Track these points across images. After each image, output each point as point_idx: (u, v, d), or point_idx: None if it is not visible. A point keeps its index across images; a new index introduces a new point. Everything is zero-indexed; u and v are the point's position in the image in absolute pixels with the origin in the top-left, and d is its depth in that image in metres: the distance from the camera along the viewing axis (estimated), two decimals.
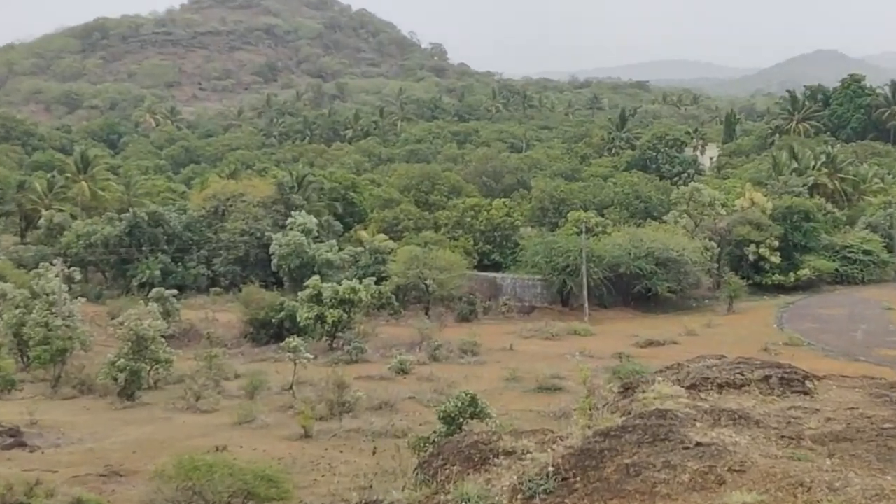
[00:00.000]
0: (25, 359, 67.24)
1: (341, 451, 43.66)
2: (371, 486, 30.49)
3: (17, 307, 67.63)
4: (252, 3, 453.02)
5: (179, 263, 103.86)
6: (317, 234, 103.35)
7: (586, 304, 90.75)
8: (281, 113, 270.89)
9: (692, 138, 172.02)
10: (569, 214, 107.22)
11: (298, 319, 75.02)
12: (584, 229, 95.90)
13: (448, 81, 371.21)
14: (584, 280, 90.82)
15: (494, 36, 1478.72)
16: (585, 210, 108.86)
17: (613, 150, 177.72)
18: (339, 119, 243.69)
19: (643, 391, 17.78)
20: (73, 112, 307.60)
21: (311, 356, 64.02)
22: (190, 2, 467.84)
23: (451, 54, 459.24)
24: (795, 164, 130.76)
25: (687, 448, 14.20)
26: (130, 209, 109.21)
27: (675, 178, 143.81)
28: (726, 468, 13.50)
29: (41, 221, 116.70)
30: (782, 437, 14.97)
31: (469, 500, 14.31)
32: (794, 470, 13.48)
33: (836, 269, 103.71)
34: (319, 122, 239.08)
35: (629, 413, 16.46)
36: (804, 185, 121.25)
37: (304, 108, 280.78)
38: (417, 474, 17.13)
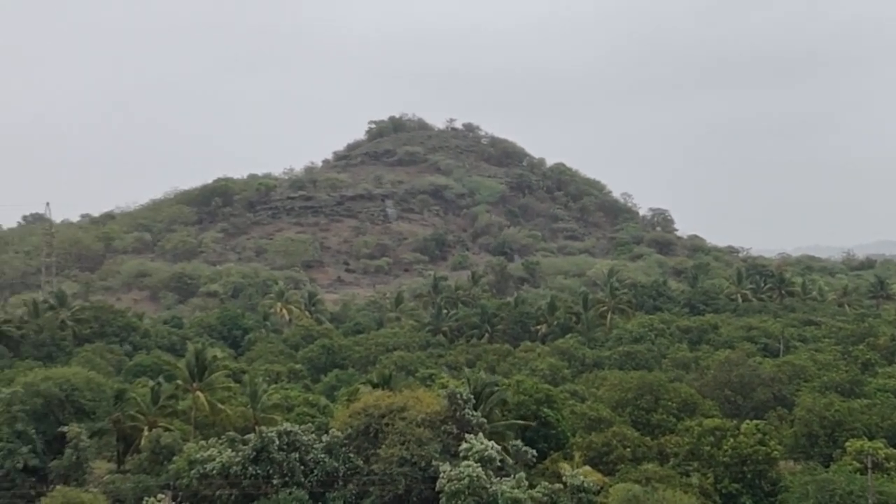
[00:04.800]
0: None
1: None
2: None
3: None
4: (416, 158, 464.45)
5: (320, 502, 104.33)
6: (500, 464, 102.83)
7: None
8: (452, 302, 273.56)
9: None
10: (847, 444, 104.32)
11: None
12: (869, 465, 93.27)
13: (675, 260, 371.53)
14: None
15: (736, 200, 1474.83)
16: (871, 438, 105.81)
17: None
18: (529, 310, 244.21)
19: None
20: (185, 301, 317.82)
21: None
22: (335, 158, 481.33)
23: (680, 224, 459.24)
24: None
25: None
26: (257, 428, 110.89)
27: None
28: None
29: (143, 443, 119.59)
30: None
31: None
32: None
33: None
34: (503, 315, 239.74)
35: None
36: None
37: (482, 296, 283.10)
38: None
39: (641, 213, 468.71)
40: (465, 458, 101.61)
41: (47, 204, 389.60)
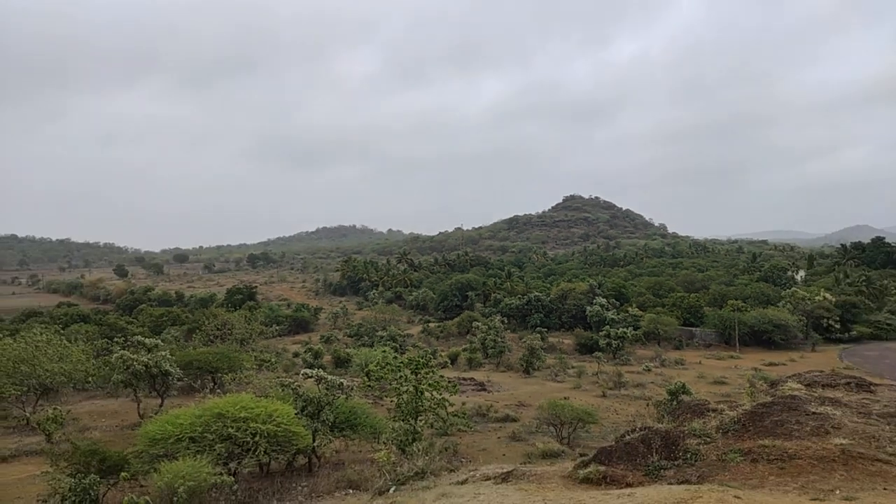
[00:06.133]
0: (486, 354, 71.09)
1: (620, 405, 43.19)
2: (635, 421, 30.37)
3: (482, 333, 72.17)
4: (579, 208, 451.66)
5: (546, 317, 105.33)
6: (607, 306, 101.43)
7: (737, 344, 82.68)
8: (591, 254, 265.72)
9: (791, 266, 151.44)
10: (728, 301, 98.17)
11: (599, 343, 73.99)
12: (736, 309, 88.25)
13: (667, 240, 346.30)
14: (736, 332, 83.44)
15: (694, 211, 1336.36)
16: (736, 300, 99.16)
17: (750, 272, 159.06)
18: (618, 256, 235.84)
19: (781, 386, 16.45)
20: (503, 254, 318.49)
21: (604, 361, 62.78)
22: (553, 208, 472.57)
23: (670, 227, 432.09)
24: (848, 280, 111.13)
25: (807, 415, 13.37)
26: (525, 293, 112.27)
27: (783, 286, 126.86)
28: (830, 426, 12.73)
29: (492, 297, 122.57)
30: (860, 413, 13.68)
31: (694, 429, 13.25)
32: (869, 430, 12.61)
33: (871, 332, 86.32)
34: (606, 258, 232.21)
35: (775, 396, 15.23)
36: (852, 290, 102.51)
37: (600, 252, 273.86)
38: (665, 417, 16.15)
39: (656, 224, 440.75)
40: (595, 304, 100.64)
41: (462, 224, 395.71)
